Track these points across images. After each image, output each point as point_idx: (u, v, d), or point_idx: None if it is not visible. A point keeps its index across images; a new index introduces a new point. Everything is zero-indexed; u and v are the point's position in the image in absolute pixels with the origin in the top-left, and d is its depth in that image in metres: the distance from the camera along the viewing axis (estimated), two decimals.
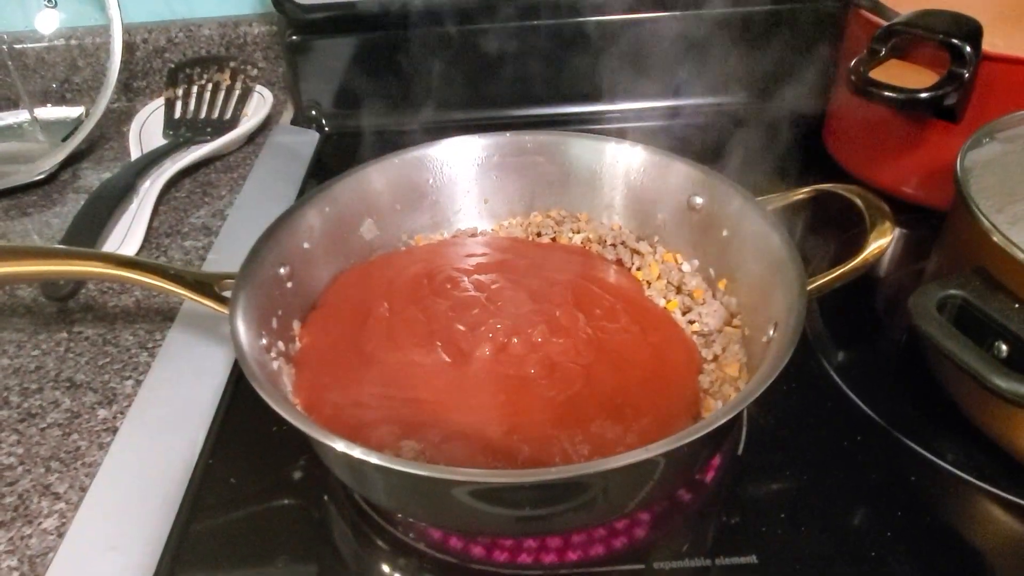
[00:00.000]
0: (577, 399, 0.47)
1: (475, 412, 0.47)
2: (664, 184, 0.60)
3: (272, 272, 0.53)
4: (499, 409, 0.47)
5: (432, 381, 0.49)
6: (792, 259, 0.47)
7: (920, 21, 0.59)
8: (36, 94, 0.93)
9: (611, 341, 0.52)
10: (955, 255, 0.52)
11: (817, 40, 0.81)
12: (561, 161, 0.63)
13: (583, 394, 0.47)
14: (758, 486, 0.48)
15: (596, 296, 0.55)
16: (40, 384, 0.56)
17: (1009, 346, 0.42)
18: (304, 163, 0.83)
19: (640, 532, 0.45)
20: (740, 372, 0.49)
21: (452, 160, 0.63)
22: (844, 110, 0.74)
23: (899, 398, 0.53)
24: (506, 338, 0.51)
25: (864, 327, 0.61)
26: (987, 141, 0.53)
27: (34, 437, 0.52)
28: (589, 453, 0.43)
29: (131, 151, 0.80)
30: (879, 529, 0.45)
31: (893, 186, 0.68)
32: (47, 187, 0.80)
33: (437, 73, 0.87)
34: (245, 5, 0.94)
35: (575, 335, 0.51)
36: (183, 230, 0.73)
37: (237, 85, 0.89)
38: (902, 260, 0.59)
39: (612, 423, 0.45)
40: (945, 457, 0.48)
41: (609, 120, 0.89)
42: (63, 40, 0.92)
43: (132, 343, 0.59)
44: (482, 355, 0.50)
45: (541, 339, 0.51)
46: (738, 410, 0.39)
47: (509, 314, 0.53)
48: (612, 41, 0.85)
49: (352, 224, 0.60)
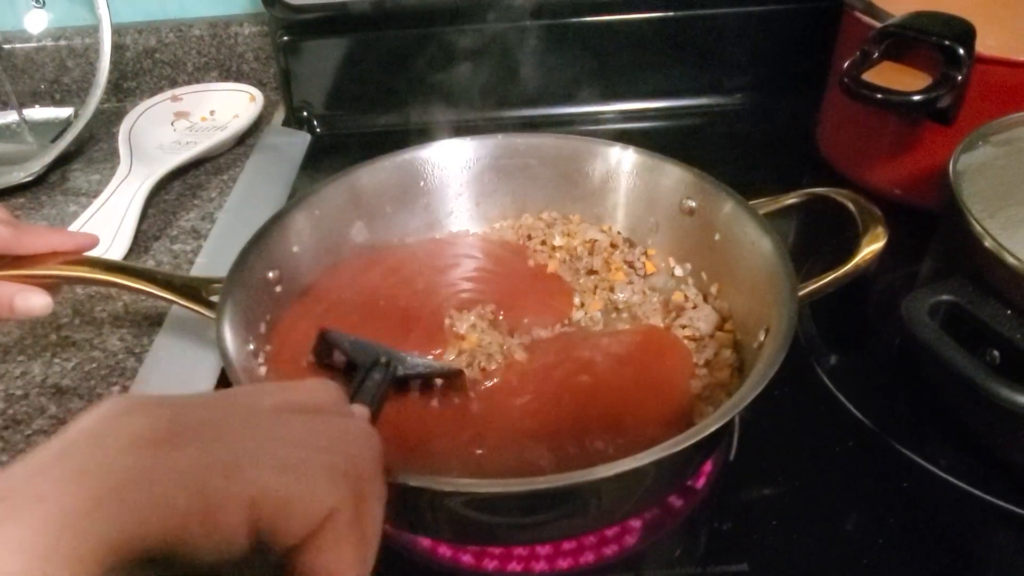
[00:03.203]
0: (571, 407, 0.47)
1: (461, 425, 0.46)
2: (656, 187, 0.60)
3: (261, 276, 0.52)
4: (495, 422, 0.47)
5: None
6: (784, 264, 0.47)
7: (913, 23, 0.59)
8: (25, 94, 0.92)
9: (602, 346, 0.51)
10: (947, 259, 0.51)
11: (810, 42, 0.81)
12: (553, 164, 0.63)
13: (576, 403, 0.47)
14: (750, 492, 0.48)
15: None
16: (25, 390, 0.55)
17: (1002, 352, 0.42)
18: (295, 165, 0.83)
19: (631, 540, 0.45)
20: (732, 377, 0.49)
21: (444, 162, 0.63)
22: (837, 112, 0.74)
23: (892, 403, 0.53)
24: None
25: (856, 331, 0.61)
26: (980, 144, 0.53)
27: (19, 444, 0.51)
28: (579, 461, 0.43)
29: (121, 152, 0.79)
30: (871, 536, 0.45)
31: (886, 188, 0.67)
32: (36, 188, 0.79)
33: (429, 74, 0.87)
34: (236, 5, 0.93)
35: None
36: (172, 233, 0.72)
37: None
38: (894, 263, 0.59)
39: (604, 431, 0.45)
40: (938, 463, 0.48)
41: (602, 121, 0.89)
42: (52, 40, 0.91)
43: (119, 348, 0.59)
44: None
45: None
46: (729, 417, 0.39)
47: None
48: (606, 41, 0.85)
49: (342, 227, 0.59)
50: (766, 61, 0.86)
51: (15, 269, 0.49)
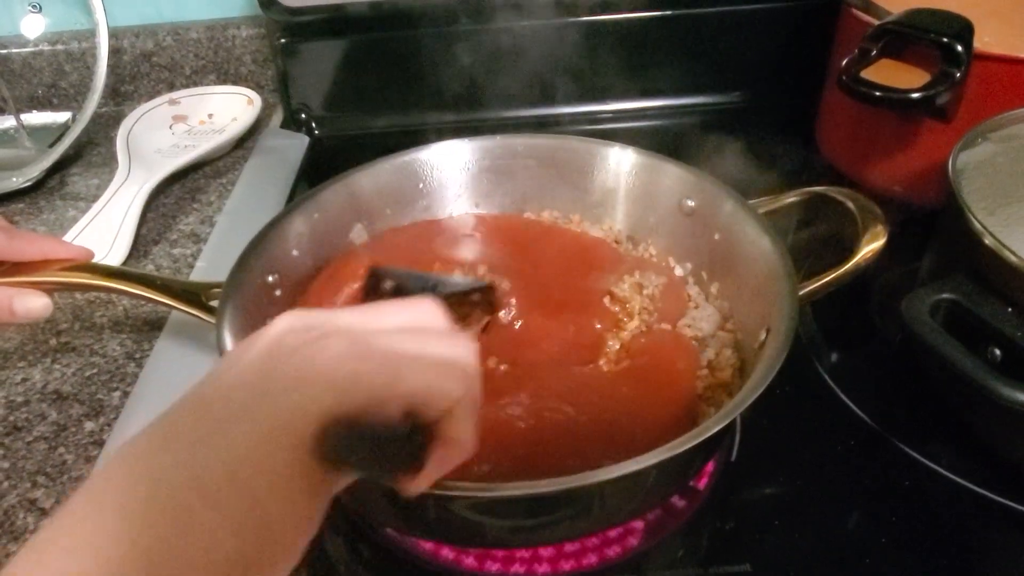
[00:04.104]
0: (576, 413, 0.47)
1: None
2: (656, 187, 0.60)
3: (260, 280, 0.52)
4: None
5: None
6: (784, 264, 0.47)
7: (912, 20, 0.58)
8: (22, 99, 0.92)
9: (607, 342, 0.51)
10: (947, 257, 0.51)
11: (808, 40, 0.81)
12: (552, 164, 0.63)
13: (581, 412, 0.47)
14: (752, 492, 0.48)
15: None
16: (26, 396, 0.55)
17: (1003, 350, 0.42)
18: (294, 167, 0.82)
19: (633, 541, 0.45)
20: (733, 378, 0.49)
21: (443, 164, 0.62)
22: (836, 110, 0.74)
23: (893, 402, 0.53)
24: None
25: (857, 330, 0.61)
26: (980, 141, 0.53)
27: (20, 451, 0.51)
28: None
29: (119, 156, 0.79)
30: (874, 534, 0.45)
31: (885, 186, 0.67)
32: (34, 194, 0.79)
33: (427, 76, 0.87)
34: (233, 8, 0.93)
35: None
36: (171, 237, 0.72)
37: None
38: (895, 261, 0.59)
39: (610, 434, 0.44)
40: (939, 461, 0.48)
41: (600, 121, 0.89)
42: (49, 45, 0.91)
43: (119, 353, 0.59)
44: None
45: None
46: (731, 418, 0.39)
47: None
48: (604, 41, 0.85)
49: (342, 230, 0.59)
50: (764, 59, 0.86)
51: (13, 276, 0.49)
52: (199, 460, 0.26)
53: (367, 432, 0.28)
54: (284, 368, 0.29)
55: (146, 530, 0.24)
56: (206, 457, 0.26)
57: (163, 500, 0.25)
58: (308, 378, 0.28)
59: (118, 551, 0.24)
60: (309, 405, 0.27)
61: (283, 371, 0.29)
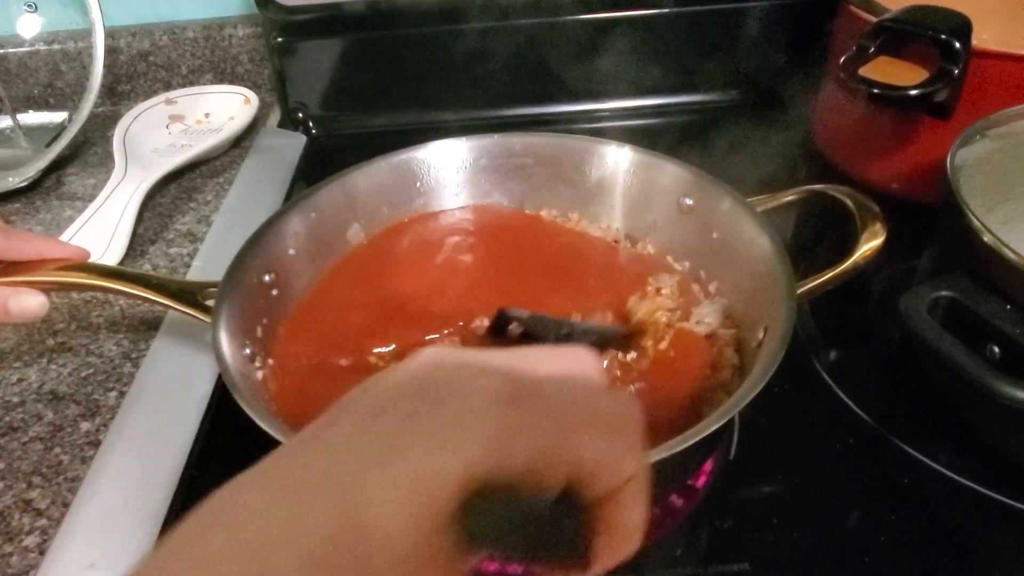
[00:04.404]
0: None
1: None
2: (654, 185, 0.59)
3: (257, 280, 0.52)
4: None
5: None
6: (782, 262, 0.47)
7: (910, 17, 0.58)
8: (18, 99, 0.92)
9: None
10: (946, 255, 0.51)
11: (806, 37, 0.80)
12: (550, 163, 0.62)
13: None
14: (750, 490, 0.48)
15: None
16: (22, 397, 0.55)
17: (1002, 348, 0.42)
18: (291, 166, 0.82)
19: None
20: (733, 377, 0.49)
21: (440, 163, 0.62)
22: (834, 107, 0.74)
23: (892, 400, 0.52)
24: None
25: (856, 327, 0.61)
26: (978, 138, 0.53)
27: (16, 452, 0.51)
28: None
29: (116, 156, 0.79)
30: (873, 533, 0.44)
31: (884, 184, 0.67)
32: (31, 194, 0.79)
33: (424, 74, 0.86)
34: (229, 7, 0.93)
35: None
36: (168, 236, 0.72)
37: None
38: (893, 259, 0.59)
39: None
40: (938, 459, 0.48)
41: (598, 119, 0.89)
42: (45, 44, 0.91)
43: (116, 353, 0.58)
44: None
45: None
46: (728, 416, 0.39)
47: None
48: (600, 39, 0.85)
49: (339, 229, 0.59)
50: (762, 56, 0.86)
51: (9, 276, 0.49)
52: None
53: (521, 505, 0.23)
54: (431, 407, 0.24)
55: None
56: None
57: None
58: (462, 422, 0.23)
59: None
60: (460, 454, 0.22)
61: (429, 411, 0.24)
